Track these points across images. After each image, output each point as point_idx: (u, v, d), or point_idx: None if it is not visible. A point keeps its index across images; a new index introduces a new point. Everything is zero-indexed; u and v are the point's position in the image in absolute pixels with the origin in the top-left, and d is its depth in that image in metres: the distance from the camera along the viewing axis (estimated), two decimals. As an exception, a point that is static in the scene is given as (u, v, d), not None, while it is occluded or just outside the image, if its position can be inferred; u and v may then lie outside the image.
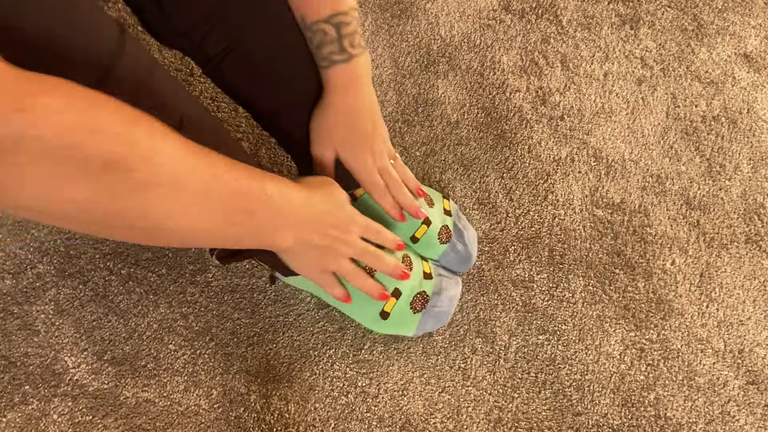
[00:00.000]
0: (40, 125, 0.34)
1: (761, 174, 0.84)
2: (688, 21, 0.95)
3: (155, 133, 0.40)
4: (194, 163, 0.42)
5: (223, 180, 0.44)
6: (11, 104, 0.33)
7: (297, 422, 0.66)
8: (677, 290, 0.75)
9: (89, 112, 0.36)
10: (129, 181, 0.38)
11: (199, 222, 0.44)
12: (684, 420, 0.68)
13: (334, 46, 0.59)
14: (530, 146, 0.83)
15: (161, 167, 0.40)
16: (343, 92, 0.61)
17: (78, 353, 0.67)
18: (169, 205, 0.41)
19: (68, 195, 0.37)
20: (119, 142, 0.37)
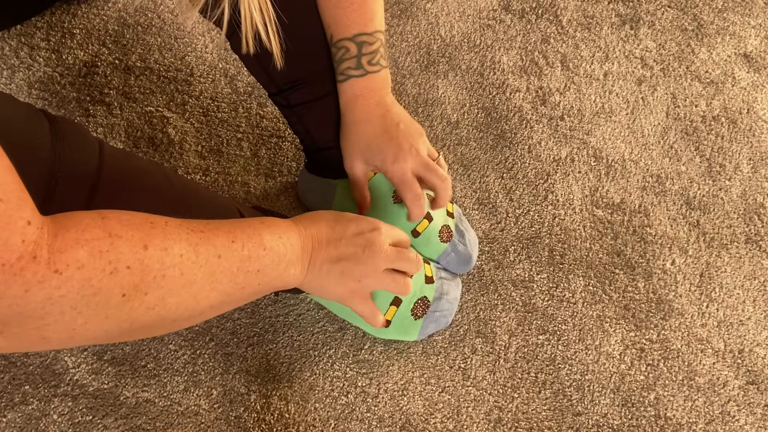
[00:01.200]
0: (66, 285, 0.36)
1: (761, 174, 0.84)
2: (688, 21, 0.95)
3: (164, 245, 0.42)
4: (200, 255, 0.45)
5: (227, 257, 0.47)
6: (49, 268, 0.35)
7: (297, 422, 0.66)
8: (677, 290, 0.75)
9: (108, 254, 0.38)
10: (144, 302, 0.41)
11: (213, 300, 0.47)
12: (684, 420, 0.68)
13: (353, 62, 0.63)
14: (530, 146, 0.83)
15: (172, 279, 0.43)
16: (355, 103, 0.64)
17: (78, 353, 0.67)
18: (185, 304, 0.45)
19: (92, 333, 0.40)
20: (133, 274, 0.40)
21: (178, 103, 0.82)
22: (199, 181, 0.78)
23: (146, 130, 0.80)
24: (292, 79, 0.65)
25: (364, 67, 0.63)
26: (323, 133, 0.68)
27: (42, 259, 0.35)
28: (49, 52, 0.84)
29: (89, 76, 0.83)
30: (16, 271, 0.33)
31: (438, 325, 0.69)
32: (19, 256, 0.33)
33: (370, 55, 0.63)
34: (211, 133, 0.81)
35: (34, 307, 0.35)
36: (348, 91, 0.64)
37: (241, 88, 0.84)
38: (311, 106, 0.66)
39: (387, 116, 0.64)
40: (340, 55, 0.63)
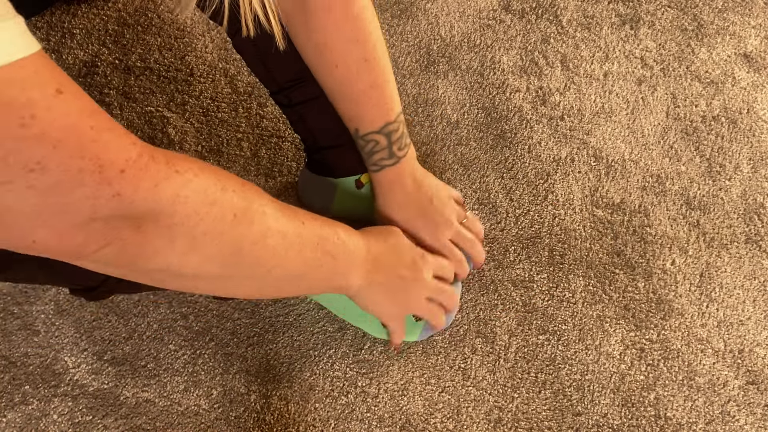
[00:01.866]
0: (189, 186, 0.39)
1: (761, 174, 0.84)
2: (688, 21, 0.95)
3: (256, 192, 0.46)
4: (288, 215, 0.49)
5: (309, 227, 0.50)
6: (170, 167, 0.38)
7: (297, 422, 0.66)
8: (677, 290, 0.75)
9: (216, 174, 0.42)
10: (251, 233, 0.44)
11: (298, 266, 0.50)
12: (684, 420, 0.68)
13: (384, 152, 0.64)
14: (530, 146, 0.83)
15: (271, 218, 0.46)
16: (391, 190, 0.66)
17: (78, 353, 0.67)
18: (278, 253, 0.47)
19: (207, 249, 0.42)
20: (241, 199, 0.43)
21: (178, 103, 0.82)
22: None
23: (146, 130, 0.80)
24: (294, 77, 0.65)
25: (396, 155, 0.64)
26: (325, 131, 0.68)
27: (161, 160, 0.38)
28: (49, 52, 0.84)
29: (89, 76, 0.83)
30: (141, 166, 0.36)
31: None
32: (138, 155, 0.36)
33: (398, 142, 0.64)
34: (211, 133, 0.81)
35: (165, 203, 0.38)
36: (383, 179, 0.66)
37: (241, 88, 0.84)
38: (313, 104, 0.66)
39: (420, 198, 0.66)
40: (370, 148, 0.64)
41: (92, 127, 0.34)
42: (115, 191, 0.35)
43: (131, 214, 0.37)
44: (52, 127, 0.32)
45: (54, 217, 0.34)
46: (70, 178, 0.33)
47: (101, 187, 0.35)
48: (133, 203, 0.36)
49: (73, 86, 0.34)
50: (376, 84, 0.61)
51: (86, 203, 0.35)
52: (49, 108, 0.31)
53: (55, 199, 0.34)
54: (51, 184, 0.33)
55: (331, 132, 0.67)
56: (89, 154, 0.34)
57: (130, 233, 0.38)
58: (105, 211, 0.36)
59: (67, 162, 0.33)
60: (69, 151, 0.33)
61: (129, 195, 0.36)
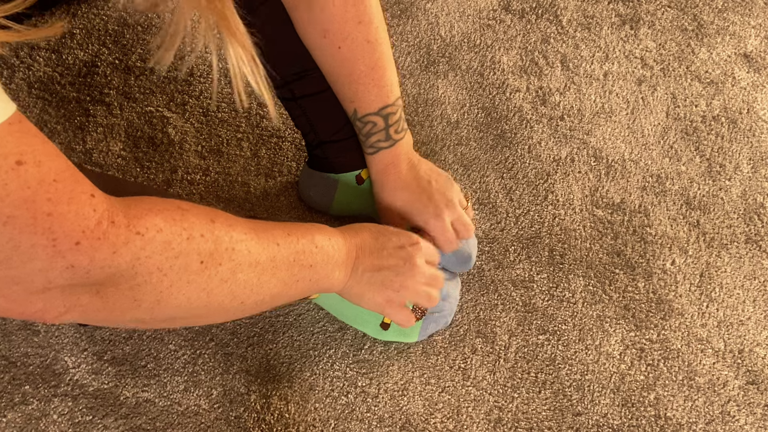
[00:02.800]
0: (150, 246, 0.38)
1: (761, 174, 0.84)
2: (688, 21, 0.95)
3: (228, 224, 0.46)
4: (261, 241, 0.48)
5: (284, 247, 0.50)
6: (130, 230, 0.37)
7: (297, 422, 0.66)
8: (677, 290, 0.75)
9: (182, 222, 0.41)
10: (219, 273, 0.44)
11: (273, 288, 0.50)
12: (684, 420, 0.68)
13: (381, 134, 0.65)
14: (530, 146, 0.83)
15: (241, 254, 0.45)
16: (386, 173, 0.67)
17: (78, 353, 0.67)
18: (251, 283, 0.47)
19: (175, 300, 0.41)
20: (207, 242, 0.42)
21: (178, 103, 0.82)
22: (198, 182, 0.78)
23: (146, 130, 0.80)
24: (297, 70, 0.65)
25: (392, 138, 0.65)
26: (327, 124, 0.68)
27: (121, 224, 0.37)
28: (49, 52, 0.84)
29: (89, 76, 0.83)
30: (99, 235, 0.35)
31: (438, 325, 0.69)
32: (97, 223, 0.35)
33: (396, 125, 0.65)
34: (211, 133, 0.81)
35: (125, 268, 0.37)
36: (379, 162, 0.66)
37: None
38: (316, 98, 0.67)
39: (419, 178, 0.67)
40: (368, 129, 0.64)
41: (49, 198, 0.33)
42: (68, 263, 0.34)
43: (88, 282, 0.36)
44: (4, 203, 0.31)
45: (5, 287, 0.34)
46: (21, 253, 0.33)
47: (54, 260, 0.34)
48: (89, 273, 0.36)
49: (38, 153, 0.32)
50: (377, 66, 0.61)
51: (39, 275, 0.34)
52: (4, 183, 0.31)
53: (5, 271, 0.33)
54: (1, 258, 0.32)
55: (332, 126, 0.68)
56: (42, 228, 0.33)
57: (89, 298, 0.37)
58: (60, 281, 0.35)
59: (18, 237, 0.32)
60: (20, 226, 0.32)
61: (84, 266, 0.35)
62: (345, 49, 0.60)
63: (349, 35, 0.60)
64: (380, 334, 0.67)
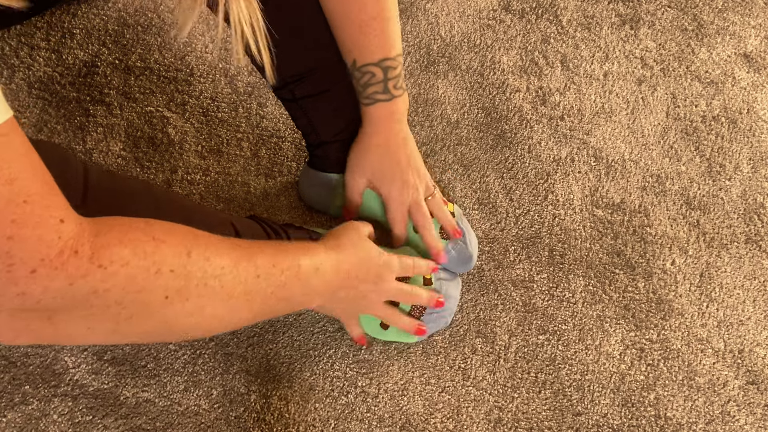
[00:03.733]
0: (111, 280, 0.36)
1: (761, 174, 0.84)
2: (688, 21, 0.95)
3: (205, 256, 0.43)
4: (240, 272, 0.46)
5: (264, 279, 0.48)
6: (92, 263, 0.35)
7: (297, 422, 0.66)
8: (677, 290, 0.75)
9: (152, 256, 0.39)
10: (185, 308, 0.42)
11: (244, 318, 0.49)
12: (684, 420, 0.68)
13: (380, 86, 0.64)
14: (530, 146, 0.83)
15: (212, 290, 0.43)
16: (379, 126, 0.66)
17: (78, 353, 0.67)
18: (219, 315, 0.45)
19: (133, 333, 0.40)
20: (176, 278, 0.40)
21: (178, 103, 0.82)
22: (198, 182, 0.78)
23: (146, 130, 0.80)
24: (298, 72, 0.65)
25: (390, 92, 0.65)
26: (327, 125, 0.68)
27: (84, 255, 0.35)
28: (49, 52, 0.84)
29: (89, 76, 0.83)
30: (57, 265, 0.34)
31: (438, 325, 0.69)
32: (59, 252, 0.34)
33: (395, 80, 0.64)
34: (211, 133, 0.81)
35: (79, 300, 0.36)
36: (374, 114, 0.66)
37: (241, 88, 0.84)
38: (316, 98, 0.67)
39: (404, 149, 0.67)
40: (366, 80, 0.64)
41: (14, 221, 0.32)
42: (20, 290, 0.33)
43: (39, 308, 0.35)
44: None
45: None
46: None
47: (6, 286, 0.33)
48: (40, 302, 0.34)
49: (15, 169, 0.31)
50: (381, 16, 0.61)
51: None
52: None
53: None
54: None
55: (333, 127, 0.68)
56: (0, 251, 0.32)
57: (40, 324, 0.36)
58: (8, 305, 0.34)
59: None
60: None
61: (36, 295, 0.34)
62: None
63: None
64: (380, 333, 0.67)
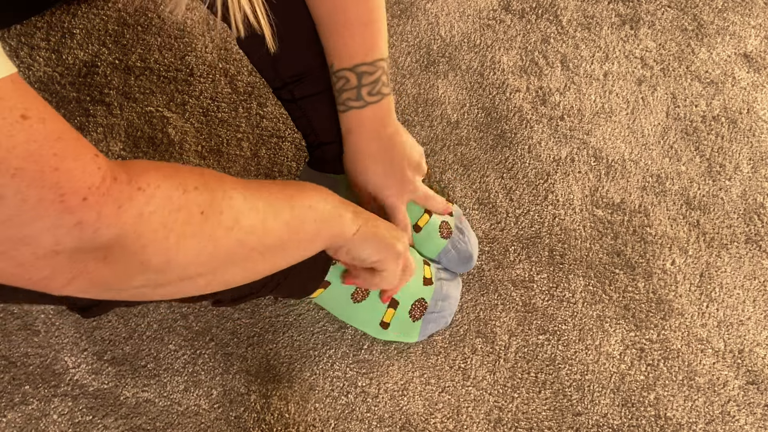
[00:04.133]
0: (152, 202, 0.38)
1: (761, 174, 0.84)
2: (688, 21, 0.95)
3: (217, 177, 0.45)
4: (253, 190, 0.48)
5: (276, 193, 0.49)
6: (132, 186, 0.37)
7: (297, 422, 0.66)
8: (677, 290, 0.75)
9: (177, 176, 0.41)
10: (222, 222, 0.43)
11: (280, 232, 0.49)
12: (684, 420, 0.68)
13: (353, 93, 0.62)
14: (530, 146, 0.83)
15: (238, 201, 0.45)
16: (352, 134, 0.65)
17: (78, 353, 0.67)
18: (256, 228, 0.46)
19: (183, 257, 0.41)
20: (202, 193, 0.42)
21: (178, 103, 0.82)
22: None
23: (146, 130, 0.80)
24: (298, 72, 0.65)
25: (363, 98, 0.63)
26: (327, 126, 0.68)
27: (123, 180, 0.37)
28: (49, 52, 0.84)
29: (89, 76, 0.83)
30: (104, 191, 0.35)
31: (438, 325, 0.69)
32: (102, 179, 0.35)
33: (370, 86, 0.62)
34: (211, 133, 0.81)
35: (130, 225, 0.37)
36: (347, 123, 0.65)
37: (241, 88, 0.84)
38: (316, 99, 0.66)
39: (390, 152, 0.65)
40: (340, 85, 0.63)
41: (55, 154, 0.33)
42: (77, 220, 0.34)
43: (96, 244, 0.36)
44: (11, 154, 0.31)
45: (13, 249, 0.33)
46: (30, 208, 0.32)
47: (63, 217, 0.34)
48: (97, 231, 0.35)
49: (41, 111, 0.33)
50: (360, 20, 0.60)
51: (47, 234, 0.34)
52: (10, 135, 0.31)
53: (14, 230, 0.33)
54: (9, 214, 0.32)
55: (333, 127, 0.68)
56: (50, 182, 0.33)
57: (96, 265, 0.37)
58: (68, 242, 0.35)
59: (26, 191, 0.32)
60: (28, 180, 0.32)
61: (92, 223, 0.35)
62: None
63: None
64: (380, 333, 0.67)
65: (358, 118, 0.64)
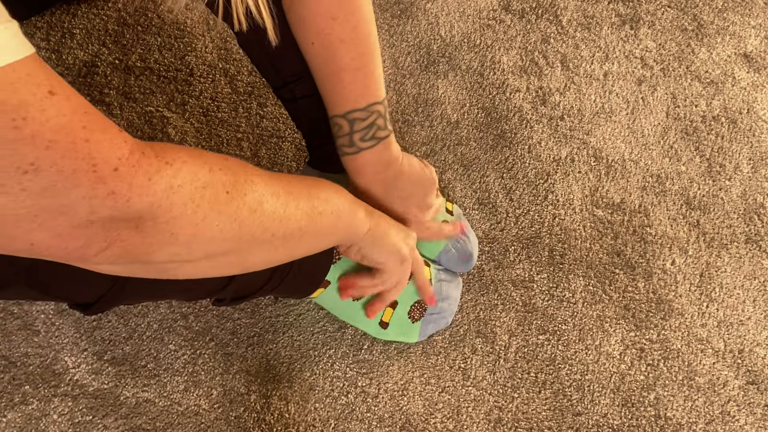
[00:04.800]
0: (179, 175, 0.40)
1: (761, 174, 0.84)
2: (688, 21, 0.95)
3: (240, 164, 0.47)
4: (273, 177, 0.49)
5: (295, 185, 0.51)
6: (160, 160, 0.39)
7: (297, 422, 0.66)
8: (677, 290, 0.75)
9: (202, 157, 0.43)
10: (246, 203, 0.45)
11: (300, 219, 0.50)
12: (684, 420, 0.68)
13: (345, 139, 0.62)
14: (530, 146, 0.83)
15: (260, 185, 0.47)
16: (354, 179, 0.65)
17: (78, 353, 0.67)
18: (278, 213, 0.48)
19: (209, 232, 0.42)
20: (226, 174, 0.44)
21: (178, 103, 0.82)
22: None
23: (146, 130, 0.80)
24: (298, 71, 0.65)
25: (356, 144, 0.62)
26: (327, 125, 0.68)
27: (151, 154, 0.38)
28: (49, 52, 0.84)
29: (89, 76, 0.83)
30: (134, 163, 0.36)
31: (438, 325, 0.69)
32: (130, 151, 0.37)
33: (362, 132, 0.61)
34: (211, 133, 0.81)
35: (160, 197, 0.38)
36: (347, 167, 0.65)
37: (241, 88, 0.84)
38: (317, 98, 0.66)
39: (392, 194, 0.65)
40: (335, 131, 0.63)
41: (84, 126, 0.34)
42: (110, 189, 0.35)
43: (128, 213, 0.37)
44: (44, 128, 0.32)
45: (51, 219, 0.34)
46: (65, 178, 0.33)
47: (96, 186, 0.35)
48: (129, 200, 0.37)
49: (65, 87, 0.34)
50: (349, 67, 0.59)
51: (83, 203, 0.35)
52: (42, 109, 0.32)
53: (51, 200, 0.34)
54: (45, 185, 0.33)
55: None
56: (82, 153, 0.34)
57: (129, 233, 0.38)
58: (102, 211, 0.36)
59: (61, 162, 0.33)
60: (62, 151, 0.33)
61: (124, 192, 0.36)
62: (317, 46, 0.59)
63: (321, 32, 0.58)
64: (380, 333, 0.67)
65: (354, 165, 0.64)
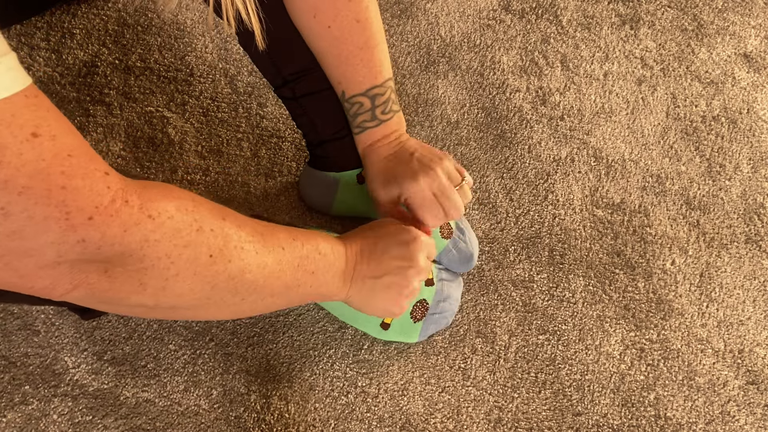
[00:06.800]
0: (159, 230, 0.39)
1: (761, 174, 0.84)
2: (688, 21, 0.95)
3: (237, 224, 0.46)
4: (268, 244, 0.48)
5: (290, 251, 0.51)
6: (142, 212, 0.38)
7: (297, 422, 0.66)
8: (677, 290, 0.75)
9: (193, 213, 0.42)
10: (227, 270, 0.44)
11: (276, 290, 0.50)
12: (684, 420, 0.68)
13: (368, 115, 0.65)
14: (530, 146, 0.83)
15: (249, 254, 0.46)
16: (370, 151, 0.67)
17: (78, 353, 0.67)
18: (257, 283, 0.47)
19: (179, 289, 0.42)
20: (216, 237, 0.43)
21: (178, 103, 0.82)
22: (198, 182, 0.78)
23: (146, 130, 0.80)
24: (299, 69, 0.65)
25: (378, 118, 0.65)
26: (327, 123, 0.68)
27: (134, 204, 0.37)
28: (49, 52, 0.84)
29: (89, 76, 0.83)
30: (112, 213, 0.36)
31: (438, 325, 0.69)
32: (111, 200, 0.36)
33: (382, 106, 0.65)
34: (211, 133, 0.81)
35: (133, 248, 0.37)
36: (365, 141, 0.67)
37: (241, 88, 0.84)
38: (316, 96, 0.67)
39: (401, 151, 0.66)
40: (355, 110, 0.65)
41: (63, 172, 0.33)
42: (80, 237, 0.35)
43: (98, 258, 0.37)
44: (19, 173, 0.31)
45: (17, 260, 0.34)
46: (35, 224, 0.33)
47: (66, 234, 0.34)
48: (99, 249, 0.36)
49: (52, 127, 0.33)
50: (366, 46, 0.61)
51: (50, 248, 0.34)
52: (19, 153, 0.31)
53: (18, 243, 0.33)
54: (14, 229, 0.32)
55: (333, 125, 0.68)
56: (56, 201, 0.33)
57: (97, 277, 0.37)
58: (71, 256, 0.35)
59: (32, 209, 0.32)
60: (35, 198, 0.32)
61: (95, 241, 0.35)
62: (334, 29, 0.60)
63: (339, 14, 0.59)
64: (380, 333, 0.67)
65: (374, 136, 0.66)
